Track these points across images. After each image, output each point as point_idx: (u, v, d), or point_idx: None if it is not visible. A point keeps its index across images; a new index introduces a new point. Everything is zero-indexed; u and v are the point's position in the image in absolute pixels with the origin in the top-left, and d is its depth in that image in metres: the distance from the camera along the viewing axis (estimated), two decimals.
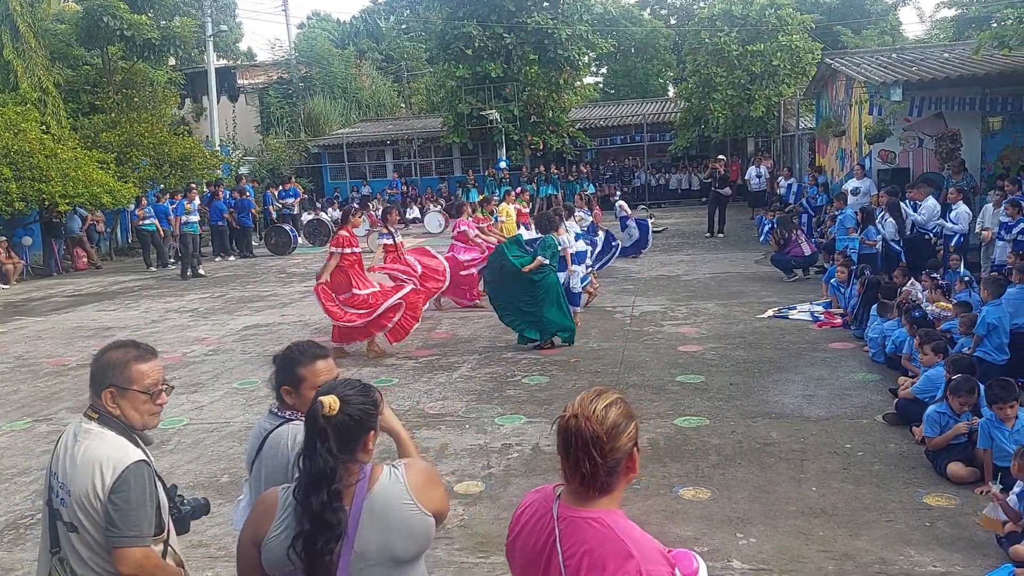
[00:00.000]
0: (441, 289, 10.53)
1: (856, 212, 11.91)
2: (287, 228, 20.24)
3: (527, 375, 7.95)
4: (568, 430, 1.88)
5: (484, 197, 15.02)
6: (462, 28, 25.96)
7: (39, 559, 2.63)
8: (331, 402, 2.08)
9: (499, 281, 8.99)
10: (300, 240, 20.56)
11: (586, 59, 29.66)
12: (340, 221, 9.72)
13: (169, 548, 2.57)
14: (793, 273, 12.43)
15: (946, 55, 15.85)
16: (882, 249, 11.09)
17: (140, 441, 2.56)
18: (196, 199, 17.79)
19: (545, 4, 27.06)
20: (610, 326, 9.85)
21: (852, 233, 11.55)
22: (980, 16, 19.10)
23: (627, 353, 8.60)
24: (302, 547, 2.03)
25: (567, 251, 9.50)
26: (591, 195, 16.26)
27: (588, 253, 11.16)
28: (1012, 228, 9.68)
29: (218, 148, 25.62)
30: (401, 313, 8.84)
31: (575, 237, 10.19)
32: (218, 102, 28.45)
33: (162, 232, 18.15)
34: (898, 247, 11.07)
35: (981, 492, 4.80)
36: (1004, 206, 9.93)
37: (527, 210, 16.48)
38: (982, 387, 5.29)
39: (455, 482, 5.42)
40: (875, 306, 8.14)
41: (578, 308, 9.83)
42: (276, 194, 22.57)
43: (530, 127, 27.14)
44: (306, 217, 22.48)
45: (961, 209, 10.85)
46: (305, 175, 29.70)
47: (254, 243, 20.55)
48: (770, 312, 10.14)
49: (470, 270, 11.37)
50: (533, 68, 26.49)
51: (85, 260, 19.17)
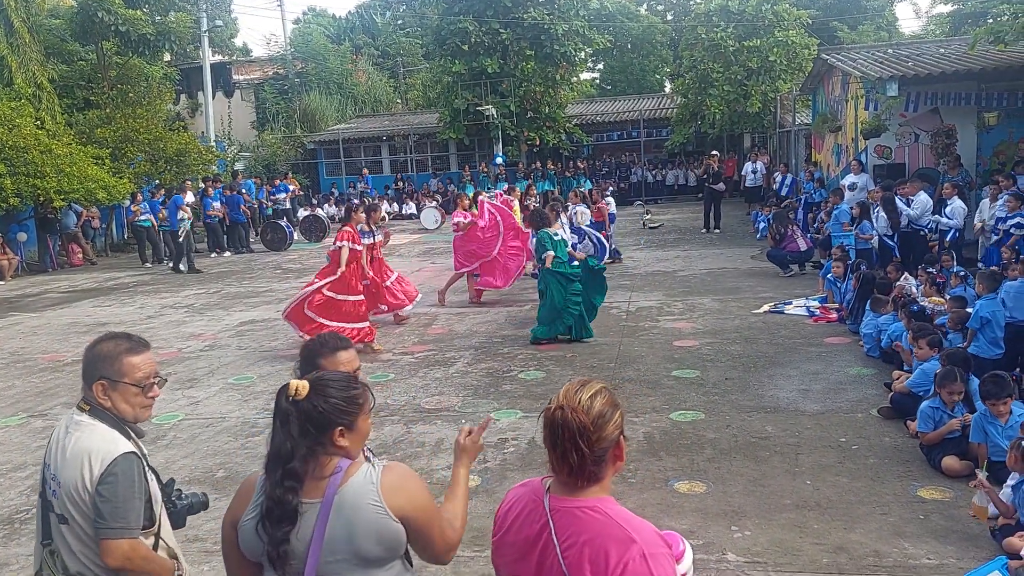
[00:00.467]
0: (406, 307, 10.26)
1: (852, 207, 11.93)
2: (283, 224, 20.16)
3: (523, 370, 7.96)
4: (555, 422, 1.88)
5: (476, 191, 14.93)
6: (458, 23, 25.90)
7: (34, 552, 2.63)
8: (299, 386, 2.07)
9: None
10: (296, 236, 20.50)
11: (582, 55, 29.56)
12: (343, 218, 9.75)
13: (161, 541, 2.57)
14: (789, 268, 12.44)
15: (942, 51, 15.83)
16: (876, 244, 11.12)
17: (132, 433, 2.55)
18: (189, 195, 17.74)
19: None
20: (606, 321, 9.85)
21: (847, 228, 11.59)
22: (976, 12, 19.06)
23: (623, 348, 8.61)
24: (262, 527, 2.04)
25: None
26: (588, 191, 16.20)
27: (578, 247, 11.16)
28: (1005, 221, 9.70)
29: (213, 144, 25.57)
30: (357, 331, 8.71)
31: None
32: (213, 98, 28.40)
33: (156, 228, 18.11)
34: (891, 242, 11.09)
35: (972, 484, 4.82)
36: (1005, 199, 9.93)
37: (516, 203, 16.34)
38: (976, 381, 5.30)
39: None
40: (869, 301, 8.16)
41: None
42: (268, 190, 22.54)
43: (526, 123, 27.11)
44: (302, 213, 22.45)
45: (956, 204, 10.88)
46: (301, 171, 29.66)
47: (251, 239, 20.52)
48: (766, 307, 10.15)
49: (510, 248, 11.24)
50: (529, 64, 26.43)
51: (80, 256, 19.10)
